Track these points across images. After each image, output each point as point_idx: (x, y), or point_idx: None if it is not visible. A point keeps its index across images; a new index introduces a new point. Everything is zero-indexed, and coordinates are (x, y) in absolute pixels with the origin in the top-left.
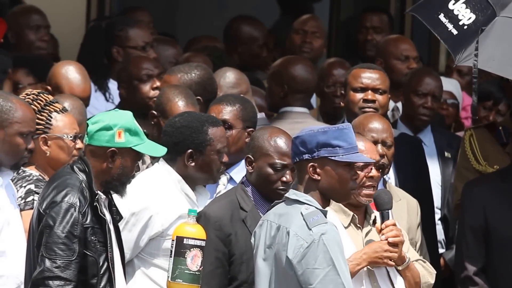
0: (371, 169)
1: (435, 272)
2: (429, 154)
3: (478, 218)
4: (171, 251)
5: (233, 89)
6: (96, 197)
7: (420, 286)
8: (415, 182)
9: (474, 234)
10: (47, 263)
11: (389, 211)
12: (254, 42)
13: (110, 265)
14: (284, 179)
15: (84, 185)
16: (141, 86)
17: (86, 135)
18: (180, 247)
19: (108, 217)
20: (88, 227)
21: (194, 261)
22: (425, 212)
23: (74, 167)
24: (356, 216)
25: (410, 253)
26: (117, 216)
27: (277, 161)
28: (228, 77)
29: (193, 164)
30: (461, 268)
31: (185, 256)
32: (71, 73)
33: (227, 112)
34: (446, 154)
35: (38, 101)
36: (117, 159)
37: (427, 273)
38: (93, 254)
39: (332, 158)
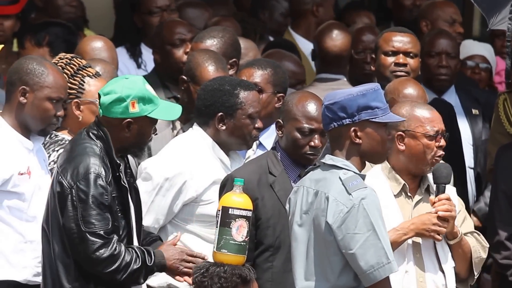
0: (441, 138)
1: (488, 245)
2: (456, 114)
3: (511, 183)
4: (217, 221)
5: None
6: (120, 167)
7: (472, 261)
8: (448, 147)
9: (507, 199)
10: (90, 237)
11: (446, 185)
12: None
13: (128, 231)
14: (312, 143)
15: (103, 152)
16: (174, 51)
17: (99, 107)
18: (226, 217)
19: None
20: (114, 196)
21: (239, 231)
22: (457, 177)
23: (90, 133)
24: (407, 185)
25: (466, 223)
26: (131, 179)
27: (305, 125)
28: None
29: (224, 128)
30: (493, 233)
31: (230, 226)
32: (96, 51)
33: (258, 75)
34: (473, 111)
35: (71, 65)
36: (133, 127)
37: (480, 247)
38: (116, 221)
39: (373, 120)
